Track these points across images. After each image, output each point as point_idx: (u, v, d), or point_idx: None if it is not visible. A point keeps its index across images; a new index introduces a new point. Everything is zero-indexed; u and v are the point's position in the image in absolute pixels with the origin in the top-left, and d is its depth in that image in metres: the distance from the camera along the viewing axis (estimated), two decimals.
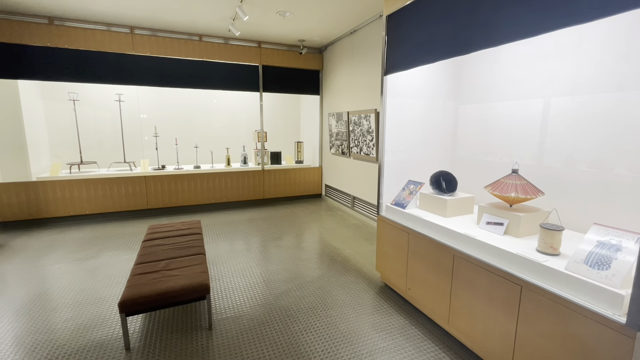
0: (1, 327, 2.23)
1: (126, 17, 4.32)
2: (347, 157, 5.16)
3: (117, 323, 2.29)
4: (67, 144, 5.06)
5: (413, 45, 2.32)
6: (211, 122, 5.91)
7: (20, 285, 2.83)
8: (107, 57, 4.61)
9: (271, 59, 5.54)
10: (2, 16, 4.10)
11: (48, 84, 4.84)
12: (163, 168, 5.20)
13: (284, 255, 3.52)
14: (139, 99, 5.34)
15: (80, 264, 3.27)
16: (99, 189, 4.70)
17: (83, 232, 4.24)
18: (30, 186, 4.38)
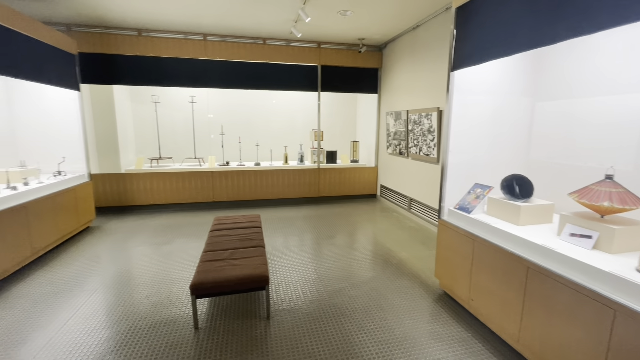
0: (96, 299, 2.61)
1: (201, 26, 4.72)
2: (405, 157, 4.99)
3: (187, 303, 2.53)
4: (148, 141, 5.72)
5: (486, 38, 2.15)
6: (270, 121, 6.18)
7: (110, 263, 3.27)
8: (184, 62, 5.09)
9: (330, 58, 5.59)
10: (101, 30, 4.77)
11: (136, 88, 5.51)
12: (227, 164, 5.58)
13: (338, 253, 3.54)
14: (208, 100, 5.81)
15: (157, 248, 3.68)
16: (173, 181, 5.22)
17: (160, 220, 4.76)
18: (119, 177, 5.05)
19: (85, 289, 2.73)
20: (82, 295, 2.63)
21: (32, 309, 2.43)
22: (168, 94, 5.65)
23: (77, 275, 2.99)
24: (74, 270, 3.08)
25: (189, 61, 5.10)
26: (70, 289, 2.74)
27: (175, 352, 1.98)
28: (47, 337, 2.11)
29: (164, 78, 5.07)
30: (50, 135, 4.17)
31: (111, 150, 5.10)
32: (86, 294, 2.66)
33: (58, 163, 4.09)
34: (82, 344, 2.06)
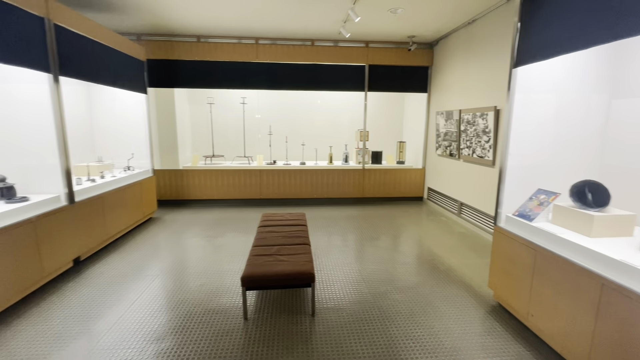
0: (157, 284, 2.86)
1: (253, 30, 4.93)
2: (456, 159, 4.75)
3: (237, 294, 2.66)
4: (203, 140, 6.12)
5: (557, 30, 1.96)
6: (315, 121, 6.25)
7: (168, 252, 3.56)
8: (237, 65, 5.36)
9: (378, 57, 5.51)
10: (166, 38, 5.21)
11: (194, 90, 5.92)
12: (274, 163, 5.77)
13: (382, 255, 3.48)
14: (258, 101, 6.05)
15: (210, 240, 3.92)
16: (224, 178, 5.53)
17: (212, 214, 5.07)
18: (177, 173, 5.47)
19: (148, 274, 3.01)
20: (146, 279, 2.90)
21: (105, 288, 2.74)
22: (222, 95, 5.98)
23: (142, 261, 3.30)
24: (139, 257, 3.41)
25: (242, 64, 5.36)
26: (136, 273, 3.03)
27: (227, 339, 2.10)
28: (118, 315, 2.36)
29: (218, 81, 5.39)
30: (121, 133, 4.65)
31: (171, 148, 5.54)
32: (149, 278, 2.93)
33: (127, 159, 4.56)
34: (146, 323, 2.27)
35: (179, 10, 4.12)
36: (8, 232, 2.32)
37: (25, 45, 2.54)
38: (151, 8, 4.06)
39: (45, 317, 2.32)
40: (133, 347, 2.02)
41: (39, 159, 2.92)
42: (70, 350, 1.99)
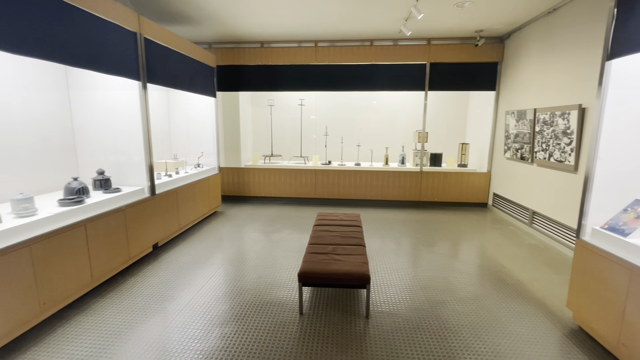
0: (221, 272, 3.09)
1: (312, 33, 5.06)
2: (529, 163, 4.31)
3: (292, 289, 2.75)
4: (263, 140, 6.45)
5: None
6: (371, 122, 6.18)
7: (231, 244, 3.82)
8: (296, 68, 5.54)
9: (440, 55, 5.25)
10: (233, 46, 5.60)
11: (256, 93, 6.27)
12: (329, 163, 5.84)
13: (440, 263, 3.30)
14: (316, 102, 6.18)
15: (268, 235, 4.12)
16: (282, 177, 5.76)
17: (270, 211, 5.32)
18: (239, 171, 5.84)
19: (213, 263, 3.26)
20: (211, 268, 3.15)
21: (178, 273, 3.04)
22: (281, 97, 6.24)
23: (208, 250, 3.60)
24: (205, 246, 3.72)
25: (301, 67, 5.53)
26: (203, 261, 3.32)
27: (283, 332, 2.19)
28: (188, 298, 2.60)
29: (279, 83, 5.63)
30: (192, 134, 5.11)
31: (234, 148, 5.94)
32: (214, 267, 3.18)
33: (197, 157, 5.00)
34: (212, 308, 2.46)
35: (246, 19, 4.40)
36: (105, 218, 2.71)
37: (123, 57, 2.94)
38: (222, 19, 4.40)
39: (131, 293, 2.66)
40: (201, 329, 2.21)
41: (128, 155, 3.36)
42: (150, 324, 2.25)
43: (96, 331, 2.17)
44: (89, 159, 3.36)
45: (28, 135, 2.79)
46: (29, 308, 2.07)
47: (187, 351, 1.99)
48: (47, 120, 2.98)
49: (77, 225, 2.43)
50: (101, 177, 3.07)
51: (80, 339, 2.09)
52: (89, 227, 2.54)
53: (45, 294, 2.17)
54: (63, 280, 2.31)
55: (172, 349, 2.01)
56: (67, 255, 2.33)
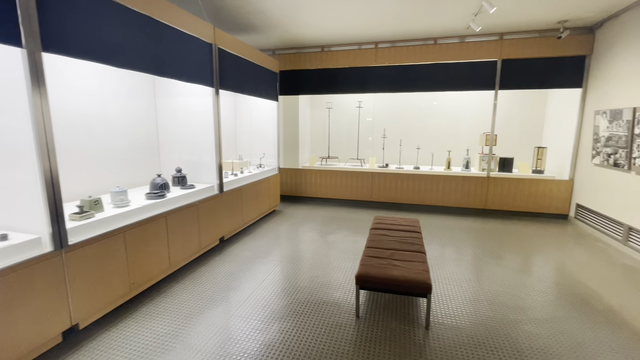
0: (279, 269, 3.21)
1: (373, 35, 5.02)
2: (624, 170, 3.72)
3: (348, 291, 2.75)
4: (320, 142, 6.57)
5: None
6: (431, 124, 5.89)
7: (288, 242, 3.96)
8: (356, 71, 5.54)
9: (514, 50, 4.81)
10: (294, 51, 5.80)
11: (315, 96, 6.41)
12: (386, 166, 5.72)
13: (509, 277, 3.01)
14: (374, 104, 6.11)
15: (323, 236, 4.18)
16: (338, 178, 5.80)
17: (325, 211, 5.39)
18: (297, 172, 6.03)
19: (272, 259, 3.42)
20: (271, 264, 3.30)
21: (241, 266, 3.25)
22: (339, 100, 6.29)
23: (268, 246, 3.78)
24: (265, 243, 3.91)
25: (361, 69, 5.51)
26: (263, 256, 3.49)
27: (340, 333, 2.20)
28: (250, 290, 2.76)
29: (338, 86, 5.68)
30: (255, 135, 5.42)
31: (293, 149, 6.14)
32: (273, 263, 3.32)
33: (260, 158, 5.28)
34: (272, 302, 2.58)
35: (308, 24, 4.54)
36: (182, 211, 3.01)
37: (200, 66, 3.24)
38: (287, 26, 4.60)
39: (201, 281, 2.91)
40: (261, 321, 2.33)
41: (201, 155, 3.68)
42: (217, 311, 2.43)
43: (173, 312, 2.42)
44: (169, 158, 3.76)
45: (122, 137, 3.24)
46: (122, 286, 2.39)
47: (249, 340, 2.12)
48: (137, 124, 3.42)
49: (160, 216, 2.74)
50: (179, 175, 3.42)
51: (161, 318, 2.35)
52: (169, 218, 2.84)
53: (134, 275, 2.49)
54: (147, 265, 2.62)
55: (236, 336, 2.15)
56: (151, 242, 2.64)
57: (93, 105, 2.89)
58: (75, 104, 2.73)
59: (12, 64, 1.77)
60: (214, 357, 1.96)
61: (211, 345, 2.06)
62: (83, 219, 2.18)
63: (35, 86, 1.78)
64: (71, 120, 2.69)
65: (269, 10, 4.04)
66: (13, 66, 1.77)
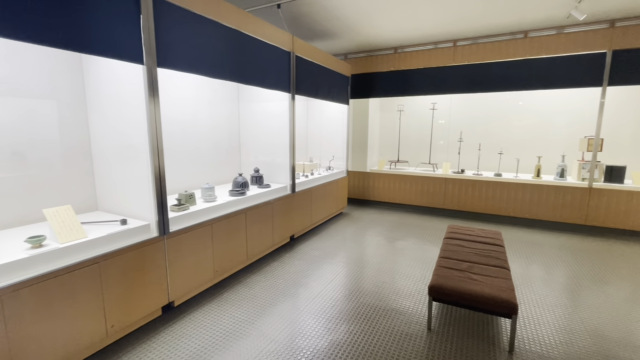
0: (347, 271, 3.23)
1: (451, 33, 4.73)
2: None
3: (419, 301, 2.64)
4: (389, 145, 6.43)
5: None
6: (515, 126, 5.29)
7: (354, 245, 3.95)
8: (430, 71, 5.29)
9: (630, 39, 4.05)
10: (366, 54, 5.79)
11: (386, 99, 6.31)
12: (462, 172, 5.33)
13: (617, 307, 2.54)
14: (451, 106, 5.75)
15: (392, 241, 4.07)
16: (407, 183, 5.60)
17: (393, 217, 5.25)
18: (364, 175, 5.99)
19: (339, 261, 3.45)
20: (338, 265, 3.34)
21: (310, 264, 3.36)
22: (411, 102, 6.08)
23: (334, 248, 3.83)
24: (332, 244, 3.97)
25: (436, 69, 5.25)
26: (331, 257, 3.55)
27: (410, 344, 2.12)
28: (319, 289, 2.83)
29: (412, 88, 5.50)
30: (324, 138, 5.55)
31: (361, 152, 6.13)
32: (340, 265, 3.36)
33: (329, 160, 5.40)
34: (339, 303, 2.61)
35: (382, 26, 4.49)
36: (258, 208, 3.24)
37: (279, 73, 3.46)
38: (360, 30, 4.63)
39: (273, 275, 3.09)
40: (329, 320, 2.38)
41: (276, 157, 3.92)
42: (288, 305, 2.56)
43: (249, 301, 2.62)
44: (247, 159, 4.09)
45: (210, 139, 3.62)
46: (208, 272, 2.67)
47: (318, 337, 2.18)
48: (222, 128, 3.79)
49: (241, 212, 2.99)
50: (257, 175, 3.69)
51: (239, 305, 2.56)
52: (248, 214, 3.09)
53: (218, 264, 2.77)
54: (229, 255, 2.89)
55: (305, 332, 2.23)
56: (232, 235, 2.91)
57: (188, 112, 3.30)
58: (173, 111, 3.15)
59: (136, 79, 2.13)
60: (285, 347, 2.07)
61: (283, 337, 2.18)
62: (180, 211, 2.50)
63: (151, 96, 2.12)
64: (170, 125, 3.11)
65: (344, 16, 4.12)
66: (136, 81, 2.13)
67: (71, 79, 2.34)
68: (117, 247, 1.99)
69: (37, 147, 2.18)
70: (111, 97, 2.29)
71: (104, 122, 2.38)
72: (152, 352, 2.02)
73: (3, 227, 2.05)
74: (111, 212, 2.48)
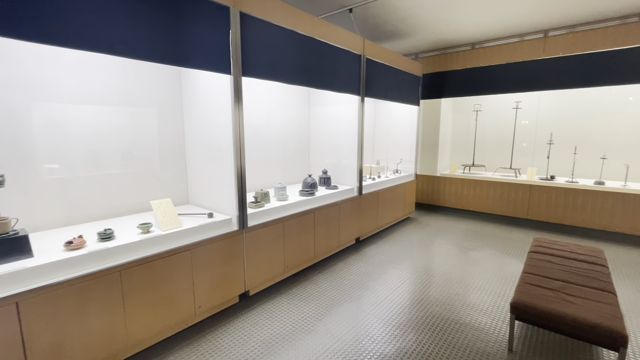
0: (413, 279, 3.11)
1: (541, 23, 4.22)
2: None
3: (498, 318, 2.41)
4: (463, 148, 5.99)
5: None
6: (622, 126, 4.44)
7: (422, 251, 3.78)
8: (514, 67, 4.79)
9: None
10: (439, 53, 5.50)
11: (460, 98, 5.91)
12: (552, 179, 4.70)
13: None
14: (539, 104, 5.13)
15: (464, 251, 3.79)
16: (483, 190, 5.16)
17: (466, 225, 4.89)
18: (434, 179, 5.69)
19: (406, 267, 3.34)
20: (405, 271, 3.24)
21: (376, 268, 3.32)
22: (490, 101, 5.58)
23: (401, 253, 3.72)
24: (399, 249, 3.86)
25: (521, 64, 4.73)
26: (398, 262, 3.46)
27: None
28: (385, 294, 2.78)
29: (490, 86, 5.06)
30: (392, 140, 5.43)
31: (431, 156, 5.83)
32: (407, 271, 3.24)
33: (397, 163, 5.26)
34: (406, 310, 2.53)
35: (459, 22, 4.23)
36: (326, 209, 3.32)
37: (349, 76, 3.50)
38: (434, 28, 4.43)
39: (339, 275, 3.14)
40: (396, 326, 2.32)
41: (343, 159, 3.97)
42: (353, 306, 2.56)
43: (316, 298, 2.70)
44: (314, 161, 4.22)
45: (281, 141, 3.83)
46: (279, 267, 2.83)
47: (385, 343, 2.14)
48: (293, 129, 3.98)
49: (310, 212, 3.11)
50: (325, 176, 3.79)
51: (307, 301, 2.66)
52: (317, 214, 3.19)
53: (288, 260, 2.91)
54: (297, 252, 3.02)
55: (372, 335, 2.21)
56: (301, 233, 3.03)
57: (261, 115, 3.54)
58: (248, 115, 3.41)
59: (223, 88, 2.37)
60: (351, 348, 2.08)
61: (349, 337, 2.20)
62: (257, 208, 2.70)
63: (236, 103, 2.34)
64: (246, 128, 3.38)
65: (416, 14, 3.99)
66: (223, 89, 2.37)
67: (171, 89, 2.71)
68: (205, 237, 2.24)
69: (143, 148, 2.58)
70: (202, 104, 2.60)
71: (195, 126, 2.70)
72: (231, 334, 2.22)
73: (119, 214, 2.47)
74: (199, 206, 2.80)
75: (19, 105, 1.94)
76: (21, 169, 1.97)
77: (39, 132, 2.03)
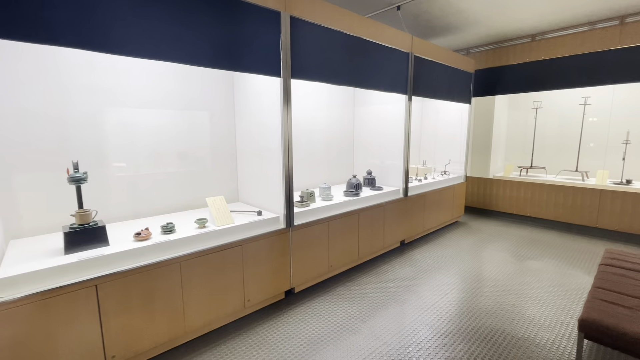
0: (463, 286, 2.94)
1: (616, 8, 3.76)
2: None
3: (561, 334, 2.20)
4: (520, 149, 5.55)
5: None
6: None
7: (474, 258, 3.56)
8: (582, 59, 4.33)
9: None
10: (493, 47, 5.15)
11: (515, 95, 5.48)
12: (628, 183, 4.17)
13: None
14: (613, 99, 4.57)
15: (521, 260, 3.51)
16: (543, 194, 4.73)
17: (523, 231, 4.52)
18: (486, 182, 5.34)
19: (455, 273, 3.18)
20: (454, 277, 3.08)
21: (422, 272, 3.20)
22: (551, 98, 5.10)
23: (449, 258, 3.55)
24: (447, 254, 3.69)
25: (591, 56, 4.26)
26: (446, 268, 3.31)
27: None
28: (433, 300, 2.68)
29: (553, 81, 4.62)
30: (440, 141, 5.20)
31: (483, 157, 5.48)
32: (457, 278, 3.09)
33: (445, 164, 5.04)
34: (456, 319, 2.41)
35: (518, 13, 3.93)
36: (371, 210, 3.28)
37: (396, 75, 3.43)
38: (489, 20, 4.16)
39: (384, 278, 3.08)
40: (445, 335, 2.22)
41: (389, 159, 3.89)
42: (399, 310, 2.50)
43: (361, 299, 2.69)
44: (359, 161, 4.19)
45: (325, 141, 3.86)
46: (323, 266, 2.86)
47: (433, 351, 2.06)
48: (337, 130, 3.99)
49: (354, 212, 3.10)
50: (369, 177, 3.75)
51: (351, 301, 2.65)
52: (361, 215, 3.17)
53: (332, 259, 2.93)
54: (342, 252, 3.02)
55: (419, 342, 2.14)
56: (346, 234, 3.03)
57: (307, 116, 3.60)
58: (295, 116, 3.48)
59: (273, 90, 2.45)
60: (397, 353, 2.04)
61: (394, 341, 2.15)
62: (303, 207, 2.76)
63: (285, 104, 2.41)
64: (293, 129, 3.46)
65: (469, 7, 3.78)
66: (273, 92, 2.45)
67: (224, 93, 2.87)
68: (255, 234, 2.34)
69: (199, 148, 2.76)
70: (252, 106, 2.71)
71: (246, 128, 2.83)
72: (278, 329, 2.29)
73: (176, 210, 2.67)
74: (248, 203, 2.93)
75: (98, 110, 2.20)
76: (98, 167, 2.22)
77: (113, 134, 2.27)
